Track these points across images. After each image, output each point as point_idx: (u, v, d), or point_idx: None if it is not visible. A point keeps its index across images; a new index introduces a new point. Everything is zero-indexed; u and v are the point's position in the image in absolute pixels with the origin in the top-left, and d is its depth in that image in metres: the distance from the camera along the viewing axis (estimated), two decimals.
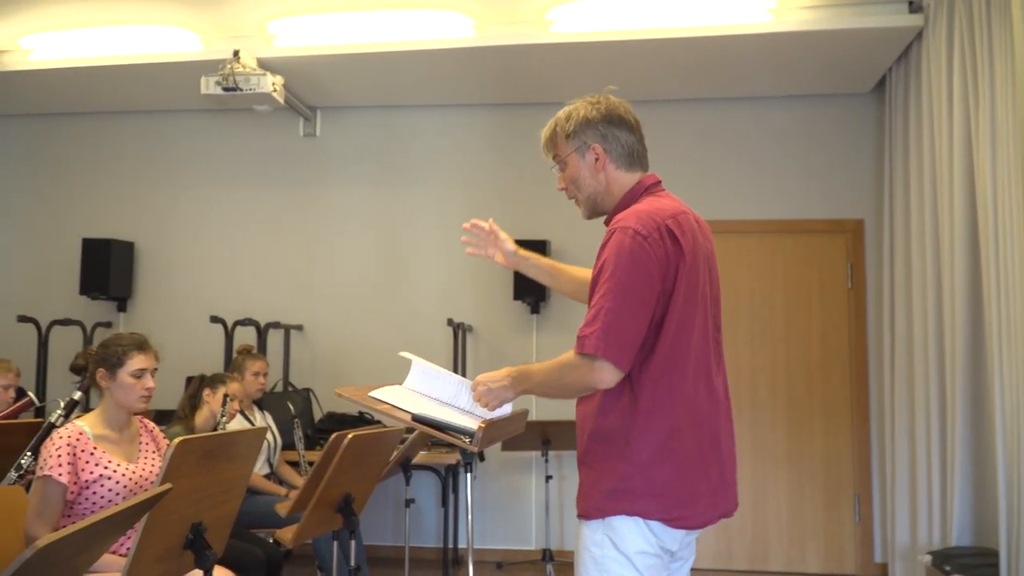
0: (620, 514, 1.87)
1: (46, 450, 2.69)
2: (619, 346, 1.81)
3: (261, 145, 6.11)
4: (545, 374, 1.96)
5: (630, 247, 1.85)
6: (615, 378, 1.83)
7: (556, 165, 2.12)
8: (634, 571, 1.85)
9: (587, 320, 1.84)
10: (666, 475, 1.87)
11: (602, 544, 1.87)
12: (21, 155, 6.34)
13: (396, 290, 5.88)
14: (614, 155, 2.04)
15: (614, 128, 2.04)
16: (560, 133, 2.08)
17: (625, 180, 2.05)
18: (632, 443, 1.87)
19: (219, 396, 4.06)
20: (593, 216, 2.12)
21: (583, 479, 1.97)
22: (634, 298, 1.83)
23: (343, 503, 2.90)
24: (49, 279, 6.11)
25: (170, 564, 2.10)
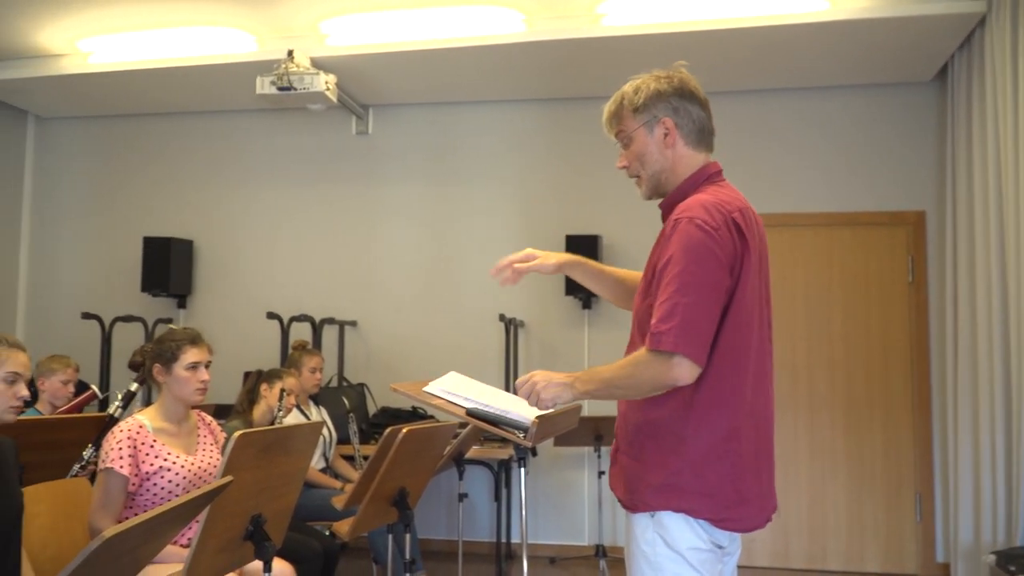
0: (667, 510, 1.83)
1: (107, 443, 2.76)
2: (697, 342, 1.75)
3: (314, 144, 6.19)
4: (615, 372, 1.85)
5: (700, 239, 1.79)
6: (693, 375, 1.77)
7: (619, 142, 2.04)
8: (688, 567, 1.82)
9: (661, 316, 1.77)
10: (719, 476, 1.83)
11: (653, 542, 1.84)
12: (84, 157, 6.52)
13: (448, 286, 5.92)
14: (685, 130, 1.96)
15: (686, 102, 1.97)
16: (627, 107, 1.99)
17: (692, 160, 1.98)
18: (686, 440, 1.83)
19: (276, 391, 4.13)
20: (653, 196, 2.04)
21: (629, 470, 1.92)
22: (708, 292, 1.78)
23: (398, 497, 2.93)
24: (112, 277, 6.27)
25: (231, 555, 2.14)
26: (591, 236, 5.49)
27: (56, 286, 6.42)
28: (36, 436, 3.12)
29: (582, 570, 5.25)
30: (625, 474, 1.93)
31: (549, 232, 5.74)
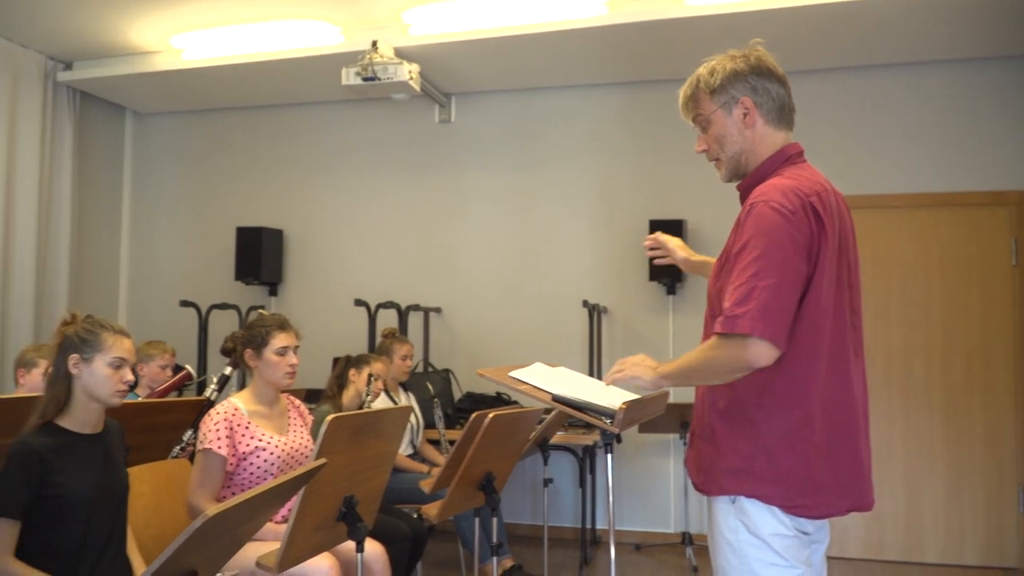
0: (739, 494, 1.81)
1: (205, 425, 2.87)
2: (778, 324, 1.71)
3: (398, 132, 6.27)
4: (691, 358, 1.85)
5: (776, 223, 1.75)
6: (772, 357, 1.72)
7: (697, 125, 2.01)
8: (772, 553, 1.79)
9: (736, 299, 1.73)
10: (791, 462, 1.79)
11: (736, 529, 1.82)
12: (179, 151, 6.76)
13: (531, 272, 5.92)
14: (764, 109, 1.92)
15: (764, 80, 1.92)
16: (703, 90, 1.96)
17: (773, 139, 1.93)
18: (759, 425, 1.81)
19: (364, 376, 4.21)
20: (733, 178, 2.00)
21: (703, 453, 1.91)
22: (786, 276, 1.73)
23: (485, 481, 2.96)
24: (208, 266, 6.50)
25: (326, 535, 2.20)
26: (675, 221, 5.41)
27: (155, 275, 6.68)
28: (137, 419, 3.25)
29: (668, 557, 5.21)
30: (699, 457, 1.92)
31: (632, 217, 5.68)
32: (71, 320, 2.42)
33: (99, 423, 2.42)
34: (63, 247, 6.02)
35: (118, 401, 2.39)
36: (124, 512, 2.45)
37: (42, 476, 2.21)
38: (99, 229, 6.52)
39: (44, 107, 5.86)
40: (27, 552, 2.21)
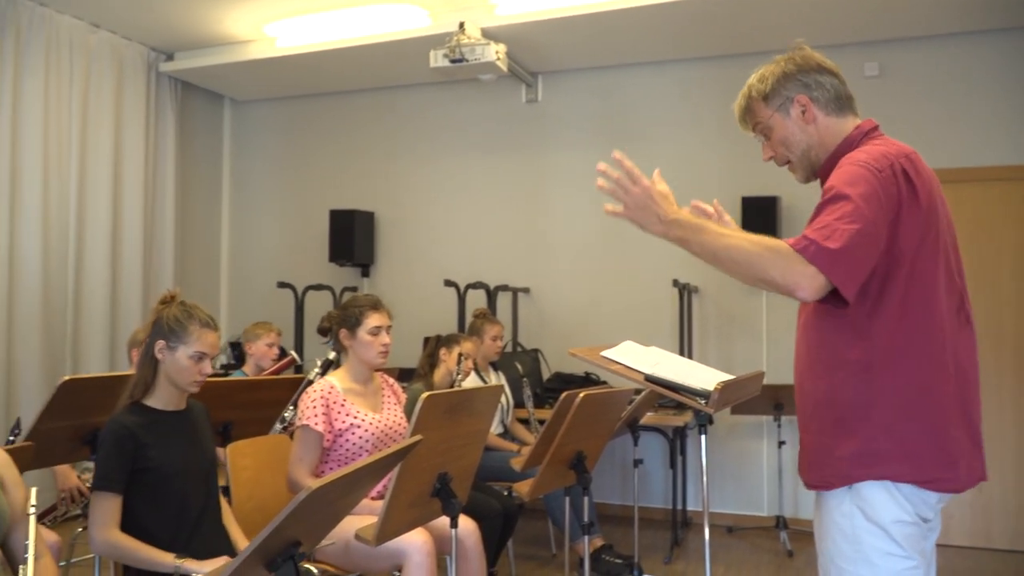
0: (868, 479, 1.71)
1: (303, 403, 2.96)
2: (846, 269, 1.62)
3: (486, 113, 6.28)
4: (736, 243, 1.72)
5: (864, 176, 1.68)
6: (816, 295, 1.63)
7: (759, 135, 1.99)
8: (891, 543, 1.70)
9: (818, 228, 1.64)
10: (916, 434, 1.70)
11: (851, 515, 1.72)
12: (275, 136, 6.95)
13: (620, 251, 5.87)
14: (821, 102, 1.88)
15: (815, 74, 1.89)
16: (756, 97, 1.95)
17: (838, 127, 1.88)
18: (873, 403, 1.71)
19: (454, 355, 4.26)
20: (811, 177, 1.96)
21: (812, 447, 1.81)
22: (867, 227, 1.63)
23: (575, 460, 2.96)
24: (303, 248, 6.67)
25: (421, 510, 2.25)
26: (769, 198, 5.28)
27: (253, 257, 6.91)
28: (242, 396, 3.38)
29: (761, 541, 5.13)
30: (809, 453, 1.82)
31: (723, 194, 5.53)
32: (169, 300, 2.52)
33: (182, 402, 2.53)
34: (168, 231, 6.28)
35: (195, 389, 2.48)
36: (215, 485, 2.56)
37: (135, 451, 2.33)
38: (201, 213, 6.78)
39: (148, 97, 6.11)
40: (129, 526, 2.33)
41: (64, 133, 5.52)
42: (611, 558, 4.30)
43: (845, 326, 1.74)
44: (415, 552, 2.69)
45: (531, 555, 4.77)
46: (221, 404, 3.18)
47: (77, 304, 5.59)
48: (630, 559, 4.33)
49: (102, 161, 5.75)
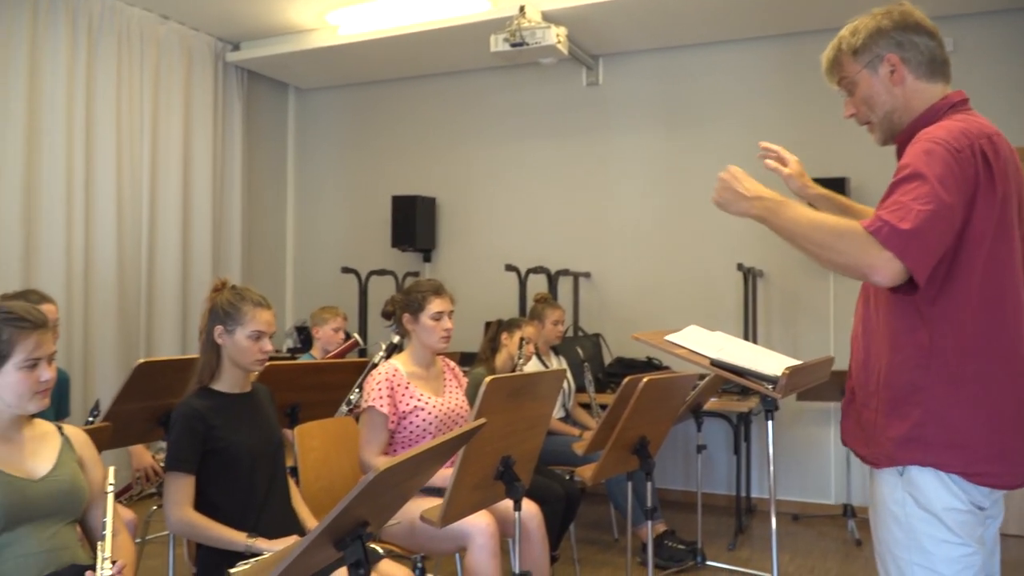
0: (913, 464, 1.69)
1: (368, 385, 3.00)
2: (921, 252, 1.57)
3: (547, 97, 6.26)
4: (812, 226, 1.69)
5: (941, 156, 1.61)
6: (896, 280, 1.59)
7: (843, 89, 1.91)
8: (945, 530, 1.67)
9: (890, 210, 1.59)
10: (969, 424, 1.65)
11: (903, 502, 1.70)
12: (338, 123, 7.03)
13: (683, 235, 5.80)
14: (913, 64, 1.80)
15: (911, 34, 1.80)
16: (846, 51, 1.86)
17: (927, 93, 1.80)
18: (927, 389, 1.68)
19: (516, 339, 4.27)
20: (889, 140, 1.88)
21: (865, 422, 1.79)
22: (942, 209, 1.58)
23: (639, 445, 2.95)
24: (366, 234, 6.76)
25: (484, 493, 2.26)
26: (837, 179, 5.15)
27: (318, 243, 7.02)
28: (308, 379, 3.45)
29: (828, 529, 5.04)
30: (863, 427, 1.80)
31: None
32: (220, 287, 2.58)
33: (247, 384, 2.60)
34: (235, 218, 6.43)
35: (259, 368, 2.54)
36: (282, 466, 2.62)
37: (205, 433, 2.40)
38: (267, 201, 6.91)
39: (215, 87, 6.24)
40: (201, 505, 2.40)
41: (136, 124, 5.67)
42: (674, 544, 4.28)
43: (909, 310, 1.70)
44: (479, 534, 2.72)
45: (593, 539, 4.77)
46: (289, 387, 3.25)
47: (150, 290, 5.76)
48: (693, 545, 4.30)
49: (172, 151, 5.90)
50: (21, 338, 1.89)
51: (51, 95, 5.10)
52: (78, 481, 2.01)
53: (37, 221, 5.04)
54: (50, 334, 1.96)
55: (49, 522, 1.92)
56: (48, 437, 2.04)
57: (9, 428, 1.95)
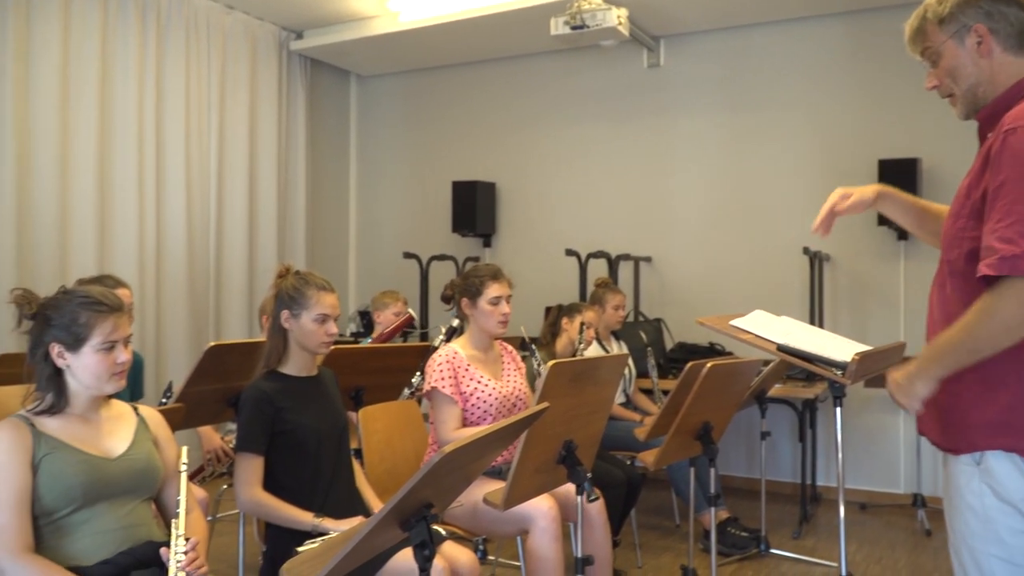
0: (997, 449, 1.63)
1: (430, 368, 3.02)
2: None
3: (607, 80, 6.20)
4: (963, 328, 1.62)
5: None
6: None
7: (926, 60, 1.83)
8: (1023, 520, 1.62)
9: (1007, 237, 1.54)
10: None
11: (980, 493, 1.65)
12: (399, 110, 7.08)
13: (746, 218, 5.71)
14: (1002, 35, 1.71)
15: (1000, 4, 1.71)
16: (932, 20, 1.78)
17: (1013, 67, 1.72)
18: (1016, 371, 1.61)
19: (576, 324, 4.27)
20: (971, 115, 1.80)
21: (942, 407, 1.72)
22: None
23: (702, 431, 2.92)
24: (427, 219, 6.80)
25: (546, 476, 2.27)
26: (908, 160, 5.00)
27: (379, 228, 7.10)
28: (372, 363, 3.49)
29: (896, 518, 4.93)
30: (940, 413, 1.74)
31: (858, 157, 5.31)
32: (284, 273, 2.62)
33: (313, 367, 2.65)
34: (300, 205, 6.54)
35: (325, 350, 2.59)
36: (347, 447, 2.66)
37: (273, 415, 2.46)
38: (329, 187, 7.00)
39: (280, 75, 6.34)
40: (270, 485, 2.46)
41: (203, 114, 5.80)
42: (737, 531, 4.24)
43: None
44: (541, 517, 2.73)
45: (654, 525, 4.75)
46: (353, 370, 3.30)
47: (218, 276, 5.91)
48: (756, 532, 4.25)
49: (238, 140, 6.02)
50: (99, 321, 1.95)
51: (122, 87, 5.25)
52: (153, 460, 2.07)
53: (111, 209, 5.20)
54: (126, 317, 2.02)
55: (125, 499, 1.98)
56: (124, 417, 2.11)
57: (87, 408, 2.01)
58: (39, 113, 4.81)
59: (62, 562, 1.84)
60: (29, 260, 4.73)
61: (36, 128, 4.80)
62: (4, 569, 1.77)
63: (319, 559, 1.63)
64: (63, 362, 1.96)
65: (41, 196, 4.81)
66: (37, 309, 1.98)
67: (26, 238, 4.73)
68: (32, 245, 4.77)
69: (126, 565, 1.89)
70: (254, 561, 3.59)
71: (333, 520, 2.39)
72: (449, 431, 2.92)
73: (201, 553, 1.92)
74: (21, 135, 4.70)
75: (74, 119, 4.98)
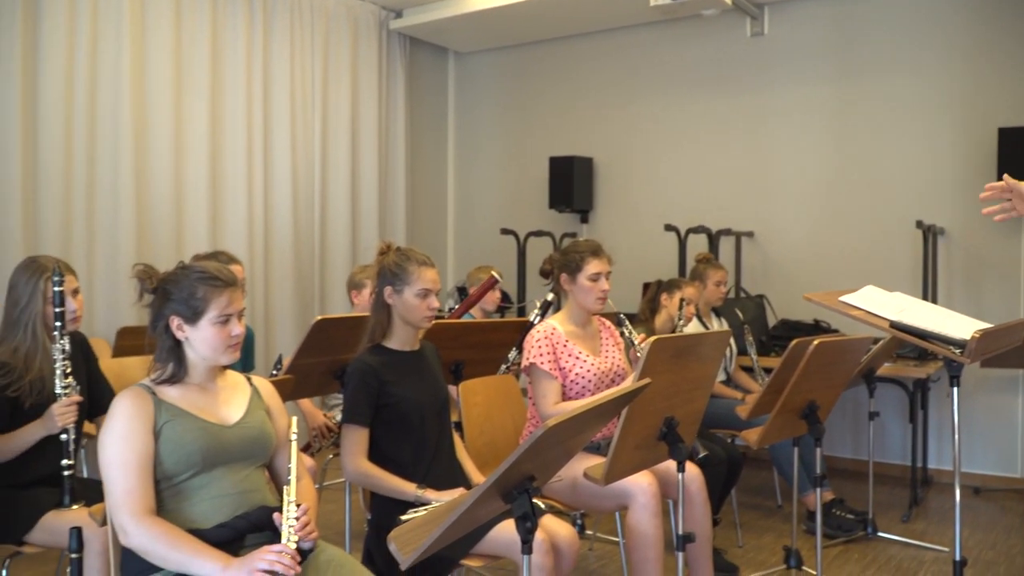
0: None
1: (528, 344, 3.03)
2: None
3: (707, 51, 6.04)
4: None
5: None
6: None
7: None
8: None
9: None
10: None
11: None
12: (495, 86, 7.09)
13: (855, 191, 5.49)
14: None
15: None
16: None
17: None
18: None
19: (675, 300, 4.20)
20: None
21: None
22: None
23: (807, 410, 2.85)
24: (524, 195, 6.81)
25: (647, 453, 2.25)
26: None
27: (476, 204, 7.15)
28: (473, 337, 3.53)
29: (1012, 504, 4.70)
30: None
31: (976, 125, 5.04)
32: (386, 250, 2.66)
33: (416, 342, 2.69)
34: (400, 183, 6.65)
35: (427, 324, 2.62)
36: (448, 420, 2.70)
37: (378, 388, 2.51)
38: (428, 165, 7.09)
39: (380, 54, 6.44)
40: (375, 456, 2.53)
41: (308, 95, 5.95)
42: (842, 513, 4.12)
43: None
44: (640, 494, 2.72)
45: (755, 505, 4.67)
46: (452, 345, 3.34)
47: (323, 252, 6.08)
48: (863, 515, 4.13)
49: (341, 120, 6.15)
50: (215, 295, 2.03)
51: (232, 72, 5.43)
52: (266, 428, 2.15)
53: (222, 189, 5.41)
54: (239, 292, 2.10)
55: (240, 466, 2.07)
56: (239, 387, 2.20)
57: (205, 378, 2.10)
58: (155, 99, 5.02)
59: (182, 525, 1.93)
60: (147, 237, 4.97)
61: (152, 113, 5.01)
62: (128, 530, 1.87)
63: (424, 527, 1.67)
64: (182, 334, 2.05)
65: (158, 177, 5.04)
66: (157, 284, 2.07)
67: (145, 216, 4.96)
68: (150, 223, 5.00)
69: (242, 529, 1.97)
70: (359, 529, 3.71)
71: (435, 491, 2.44)
72: (549, 406, 2.93)
73: (312, 519, 1.99)
74: (138, 120, 4.92)
75: (187, 104, 5.19)
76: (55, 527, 2.47)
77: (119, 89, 4.82)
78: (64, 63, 4.56)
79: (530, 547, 1.74)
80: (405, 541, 1.67)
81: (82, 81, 4.66)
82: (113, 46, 4.80)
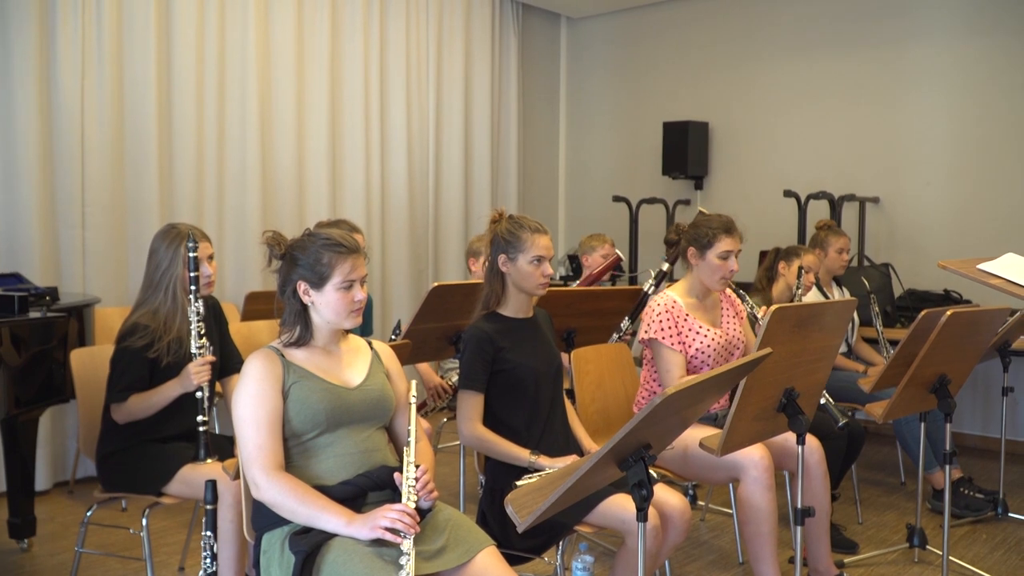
0: None
1: (648, 317, 2.99)
2: None
3: (832, 6, 5.76)
4: None
5: None
6: None
7: None
8: None
9: None
10: None
11: None
12: (608, 51, 6.99)
13: (993, 153, 5.16)
14: None
15: None
16: None
17: None
18: None
19: (794, 268, 4.07)
20: None
21: None
22: None
23: (937, 384, 2.72)
24: (636, 162, 6.72)
25: (765, 424, 2.21)
26: None
27: (588, 172, 7.10)
28: (585, 305, 3.53)
29: None
30: None
31: None
32: (498, 218, 2.67)
33: (530, 309, 2.70)
34: (512, 150, 6.67)
35: (542, 291, 2.62)
36: (560, 387, 2.71)
37: (493, 354, 2.54)
38: (540, 132, 7.08)
39: (492, 22, 6.45)
40: (489, 421, 2.57)
41: (422, 64, 6.03)
42: (971, 492, 3.94)
43: None
44: (752, 467, 2.67)
45: (877, 481, 4.51)
46: (565, 312, 3.35)
47: (436, 221, 6.19)
48: (993, 494, 3.93)
49: (455, 90, 6.21)
50: (339, 262, 2.10)
51: (350, 45, 5.56)
52: (386, 391, 2.22)
53: (341, 159, 5.56)
54: (362, 259, 2.16)
55: (362, 427, 2.14)
56: (360, 351, 2.27)
57: (329, 342, 2.18)
58: (279, 72, 5.18)
59: (308, 480, 2.02)
60: (272, 206, 5.17)
61: (276, 85, 5.18)
62: (259, 484, 1.97)
63: (540, 492, 1.69)
64: (308, 299, 2.12)
65: (281, 148, 5.22)
66: (285, 250, 2.15)
67: (269, 186, 5.16)
68: (275, 192, 5.20)
69: (364, 486, 2.05)
70: (473, 491, 3.80)
71: (548, 457, 2.46)
72: (675, 379, 2.90)
73: (430, 479, 2.05)
74: (263, 93, 5.09)
75: (308, 76, 5.34)
76: (191, 479, 2.63)
77: (246, 63, 5.00)
78: (194, 40, 4.75)
79: (645, 514, 1.74)
80: (521, 504, 1.70)
81: (212, 57, 4.86)
82: (240, 22, 4.98)
